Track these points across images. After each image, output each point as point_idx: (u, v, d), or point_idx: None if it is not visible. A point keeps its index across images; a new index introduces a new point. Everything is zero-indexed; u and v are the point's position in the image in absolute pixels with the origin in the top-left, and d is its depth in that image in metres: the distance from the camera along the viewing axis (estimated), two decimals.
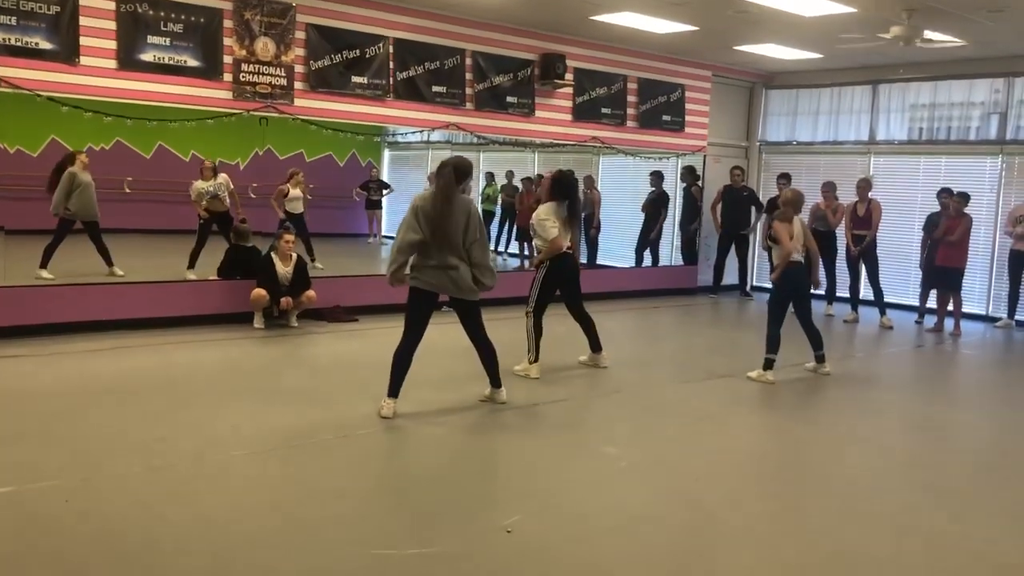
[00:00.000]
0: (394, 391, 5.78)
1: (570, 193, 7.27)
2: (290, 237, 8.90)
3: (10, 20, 7.53)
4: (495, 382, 6.20)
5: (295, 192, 11.73)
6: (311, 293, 8.91)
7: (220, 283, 9.08)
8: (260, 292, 8.59)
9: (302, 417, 5.70)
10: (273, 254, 8.81)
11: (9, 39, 7.54)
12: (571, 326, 7.68)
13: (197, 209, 10.47)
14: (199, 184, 10.47)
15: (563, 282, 7.42)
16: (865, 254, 10.92)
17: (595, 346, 7.64)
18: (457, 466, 5.10)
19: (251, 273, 8.88)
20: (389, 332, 8.84)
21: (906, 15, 8.89)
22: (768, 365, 7.38)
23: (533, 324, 7.22)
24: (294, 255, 8.90)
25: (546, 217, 7.17)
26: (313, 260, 11.26)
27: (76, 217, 9.64)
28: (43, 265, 9.30)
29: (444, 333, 6.40)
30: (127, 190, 13.28)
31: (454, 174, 5.65)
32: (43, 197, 9.74)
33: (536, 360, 7.18)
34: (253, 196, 12.29)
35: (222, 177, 10.53)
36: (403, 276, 5.76)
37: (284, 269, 8.79)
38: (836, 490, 4.86)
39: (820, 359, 7.82)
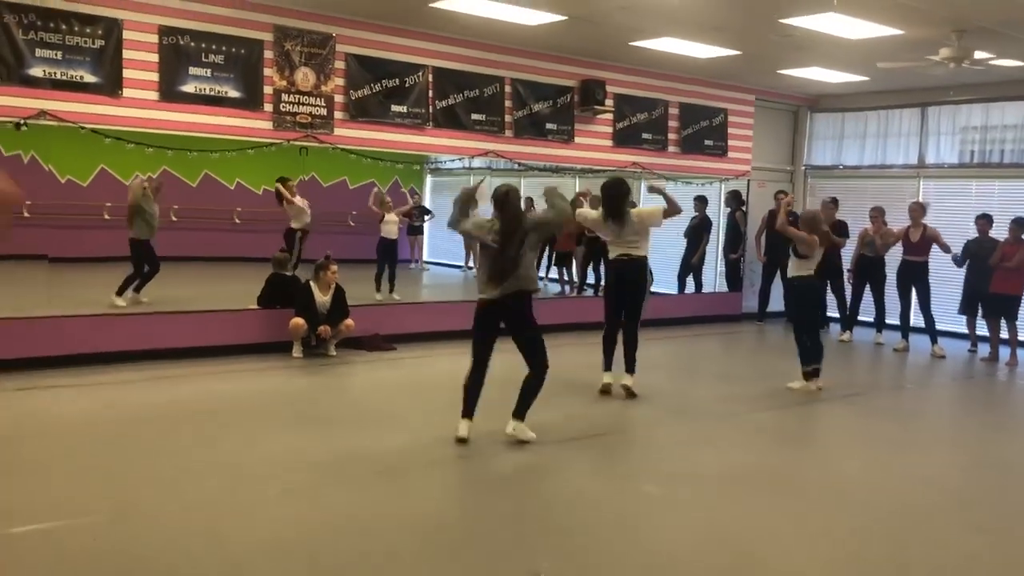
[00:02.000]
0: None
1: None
2: (335, 268, 8.87)
3: (56, 55, 7.67)
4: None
5: (390, 217, 11.72)
6: (349, 322, 8.88)
7: (259, 312, 9.10)
8: (298, 321, 8.59)
9: (334, 450, 5.63)
10: (313, 283, 8.80)
11: (55, 73, 7.68)
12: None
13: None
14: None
15: (621, 292, 7.53)
16: (917, 281, 10.64)
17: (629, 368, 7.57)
18: (489, 504, 4.97)
19: (291, 302, 8.88)
20: (426, 360, 8.85)
21: (955, 36, 8.67)
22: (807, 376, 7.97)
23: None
24: (333, 285, 8.87)
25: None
26: (392, 291, 11.30)
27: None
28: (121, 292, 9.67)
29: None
30: (173, 219, 13.45)
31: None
32: (89, 225, 9.89)
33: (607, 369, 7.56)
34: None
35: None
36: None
37: (323, 298, 8.77)
38: (885, 530, 4.65)
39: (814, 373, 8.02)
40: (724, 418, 7.03)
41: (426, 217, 15.70)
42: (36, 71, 7.59)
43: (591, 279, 13.51)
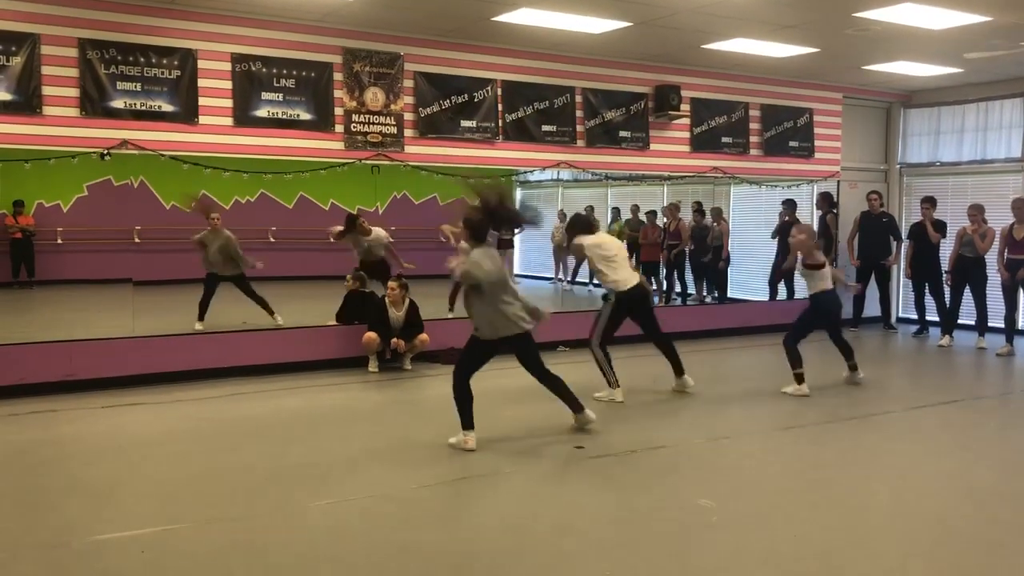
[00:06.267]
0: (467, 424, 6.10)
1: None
2: (394, 284, 8.97)
3: (135, 86, 8.04)
4: (575, 407, 6.41)
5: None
6: (424, 336, 8.96)
7: (337, 328, 9.28)
8: (371, 335, 8.72)
9: (389, 466, 5.66)
10: (386, 299, 8.92)
11: (135, 104, 8.05)
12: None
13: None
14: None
15: (633, 314, 7.61)
16: None
17: (678, 371, 7.82)
18: (535, 519, 4.88)
19: (368, 318, 9.02)
20: (498, 373, 8.76)
21: None
22: (799, 379, 7.82)
23: (602, 353, 7.48)
24: (407, 300, 8.98)
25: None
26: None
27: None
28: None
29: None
30: (271, 239, 13.87)
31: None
32: (172, 249, 10.25)
33: (617, 384, 7.43)
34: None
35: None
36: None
37: (396, 314, 8.87)
38: (948, 554, 4.35)
39: (853, 368, 8.31)
40: (797, 431, 6.75)
41: (516, 230, 15.70)
42: (118, 103, 7.97)
43: (677, 287, 13.33)
